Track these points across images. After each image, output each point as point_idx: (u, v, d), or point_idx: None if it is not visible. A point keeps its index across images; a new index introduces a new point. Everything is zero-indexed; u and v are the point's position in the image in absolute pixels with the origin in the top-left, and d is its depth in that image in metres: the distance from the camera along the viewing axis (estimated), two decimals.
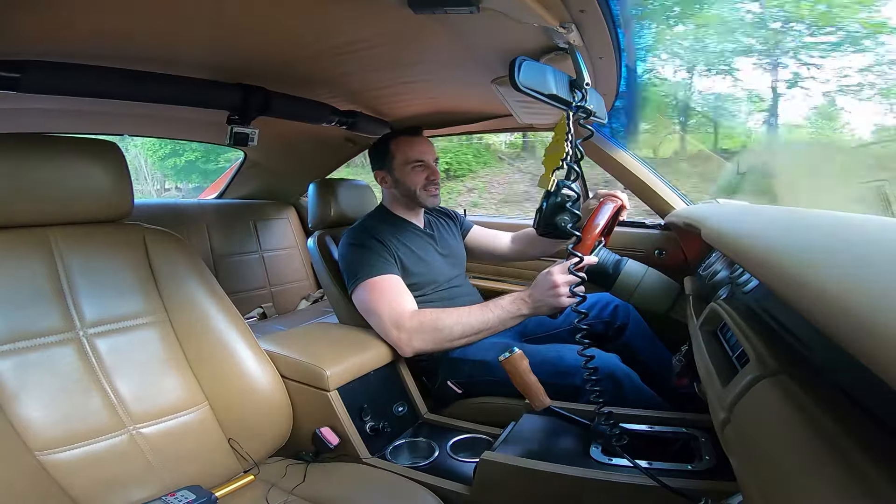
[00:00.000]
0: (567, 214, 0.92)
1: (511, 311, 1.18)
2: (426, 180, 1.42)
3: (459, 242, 1.61)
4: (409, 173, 1.42)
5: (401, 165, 1.42)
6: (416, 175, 1.42)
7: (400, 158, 1.43)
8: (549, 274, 1.14)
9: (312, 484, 0.92)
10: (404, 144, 1.44)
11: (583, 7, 0.76)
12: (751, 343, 0.49)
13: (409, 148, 1.43)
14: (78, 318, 0.90)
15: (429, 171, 1.43)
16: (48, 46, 0.94)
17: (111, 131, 1.80)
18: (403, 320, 1.21)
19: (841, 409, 0.34)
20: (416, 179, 1.42)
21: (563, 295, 1.11)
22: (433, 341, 1.20)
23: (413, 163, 1.41)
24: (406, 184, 1.42)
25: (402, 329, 1.21)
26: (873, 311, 0.25)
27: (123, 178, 0.97)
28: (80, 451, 0.83)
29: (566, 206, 0.92)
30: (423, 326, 1.20)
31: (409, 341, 1.20)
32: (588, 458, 0.87)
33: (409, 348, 1.21)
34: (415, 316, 1.22)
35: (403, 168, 1.42)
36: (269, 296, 2.32)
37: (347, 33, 0.97)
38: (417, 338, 1.20)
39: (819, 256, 0.35)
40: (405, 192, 1.44)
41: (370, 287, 1.27)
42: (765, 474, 0.37)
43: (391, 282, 1.28)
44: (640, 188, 1.64)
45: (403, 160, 1.42)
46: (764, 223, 0.57)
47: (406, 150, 1.43)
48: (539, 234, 0.99)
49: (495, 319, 1.19)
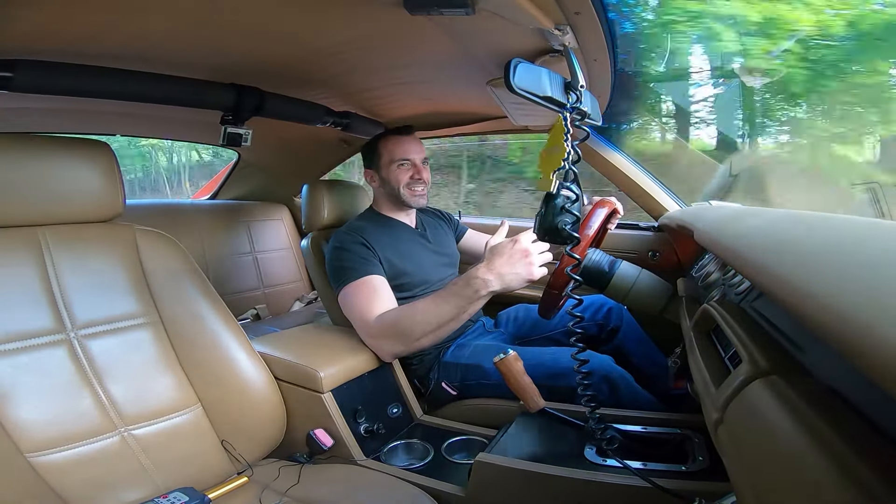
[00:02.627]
0: (568, 217, 0.91)
1: (468, 296, 1.08)
2: (410, 179, 1.42)
3: (453, 243, 1.61)
4: (393, 172, 1.42)
5: (386, 164, 1.43)
6: (401, 174, 1.42)
7: (386, 157, 1.43)
8: (514, 242, 1.05)
9: (306, 485, 0.92)
10: (391, 143, 1.44)
11: (578, 9, 0.77)
12: (743, 344, 0.50)
13: (395, 146, 1.43)
14: (69, 320, 0.89)
15: (414, 171, 1.42)
16: (40, 45, 0.93)
17: (103, 131, 1.79)
18: (370, 327, 1.19)
19: (832, 409, 0.34)
20: (400, 178, 1.41)
21: (536, 264, 1.04)
22: (402, 344, 1.17)
23: (398, 161, 1.41)
24: (390, 182, 1.42)
25: (371, 336, 1.19)
26: (864, 313, 0.25)
27: (115, 178, 0.96)
28: (71, 453, 0.82)
29: (567, 207, 0.91)
30: (385, 331, 1.17)
31: (380, 347, 1.19)
32: (583, 459, 0.88)
33: (386, 353, 1.19)
34: (378, 320, 1.18)
35: (389, 167, 1.42)
36: (262, 297, 2.30)
37: (342, 34, 0.97)
38: (387, 343, 1.18)
39: (810, 259, 0.36)
40: (390, 190, 1.44)
41: (347, 293, 1.25)
42: (757, 474, 0.37)
43: (367, 285, 1.25)
44: (633, 190, 1.65)
45: (389, 159, 1.42)
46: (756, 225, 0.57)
47: (392, 148, 1.43)
48: (539, 238, 0.97)
49: (452, 310, 1.10)
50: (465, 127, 1.82)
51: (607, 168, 1.63)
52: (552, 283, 1.41)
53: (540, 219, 0.95)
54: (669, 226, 1.37)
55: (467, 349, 1.30)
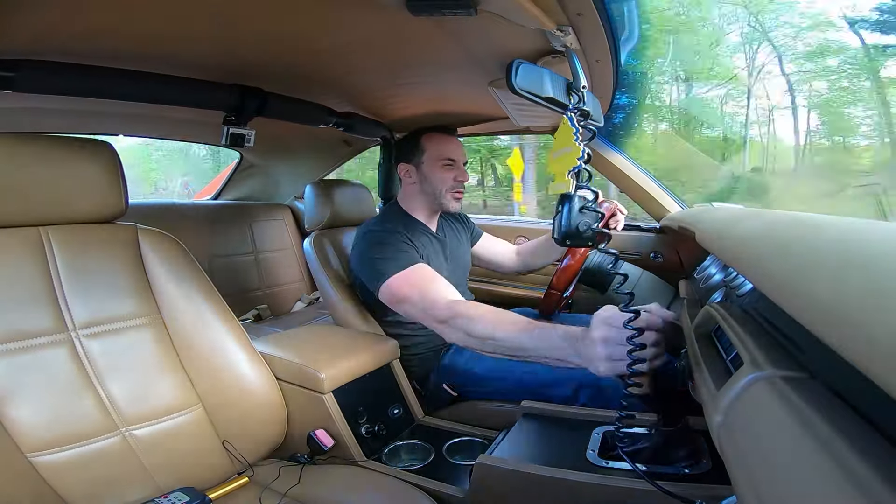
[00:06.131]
0: (588, 217, 0.86)
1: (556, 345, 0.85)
2: (454, 181, 1.37)
3: (467, 250, 1.57)
4: (438, 170, 1.36)
5: (431, 161, 1.36)
6: (445, 173, 1.37)
7: (432, 153, 1.37)
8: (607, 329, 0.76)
9: (307, 486, 0.92)
10: (438, 140, 1.38)
11: (580, 10, 0.77)
12: (745, 345, 0.50)
13: (442, 144, 1.38)
14: (70, 319, 0.89)
15: (457, 172, 1.38)
16: (43, 45, 0.93)
17: (106, 131, 1.79)
18: (439, 310, 1.06)
19: (835, 411, 0.34)
20: (445, 178, 1.36)
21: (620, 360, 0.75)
22: (463, 342, 1.03)
23: (445, 160, 1.36)
24: (433, 181, 1.37)
25: (439, 320, 1.06)
26: (866, 315, 0.25)
27: (117, 178, 0.96)
28: (71, 453, 0.82)
29: (586, 207, 0.86)
30: (457, 320, 1.03)
31: (443, 332, 1.06)
32: (584, 461, 0.87)
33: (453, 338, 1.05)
34: (451, 305, 1.06)
35: (434, 164, 1.36)
36: (264, 297, 2.31)
37: (345, 35, 0.97)
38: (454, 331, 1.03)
39: (812, 260, 0.36)
40: (430, 190, 1.38)
41: (400, 279, 1.16)
42: (759, 477, 0.37)
43: (423, 271, 1.18)
44: (635, 192, 1.65)
45: (436, 155, 1.36)
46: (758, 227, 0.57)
47: (440, 146, 1.37)
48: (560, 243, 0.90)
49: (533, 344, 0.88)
50: (466, 128, 1.82)
51: (609, 170, 1.64)
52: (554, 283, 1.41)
53: (559, 222, 0.89)
54: (671, 227, 1.37)
55: (466, 353, 1.30)
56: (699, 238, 0.82)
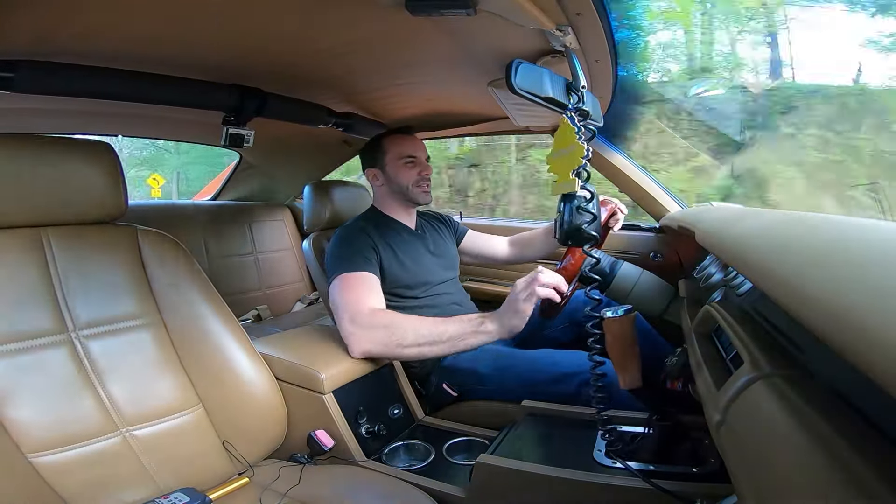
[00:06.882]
0: (586, 216, 0.88)
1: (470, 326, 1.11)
2: (418, 176, 1.43)
3: (452, 246, 1.60)
4: (401, 168, 1.42)
5: (393, 161, 1.43)
6: (408, 170, 1.42)
7: (392, 154, 1.43)
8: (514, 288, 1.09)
9: (307, 486, 0.92)
10: (396, 140, 1.45)
11: (579, 10, 0.77)
12: (745, 345, 0.50)
13: (401, 143, 1.44)
14: (71, 320, 0.89)
15: (420, 167, 1.44)
16: (42, 46, 0.93)
17: (105, 131, 1.79)
18: (361, 316, 1.16)
19: (835, 410, 0.34)
20: (409, 175, 1.42)
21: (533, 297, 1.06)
22: (382, 342, 1.13)
23: (405, 158, 1.42)
24: (398, 180, 1.43)
25: (356, 324, 1.15)
26: (864, 313, 0.25)
27: (117, 179, 0.96)
28: (72, 454, 0.82)
29: (583, 207, 0.87)
30: (375, 324, 1.14)
31: (359, 340, 1.14)
32: (585, 461, 0.88)
33: (358, 347, 1.14)
34: (371, 312, 1.17)
35: (396, 163, 1.43)
36: (263, 298, 2.30)
37: (344, 35, 0.97)
38: (367, 336, 1.14)
39: (811, 259, 0.36)
40: (397, 188, 1.44)
41: (345, 280, 1.23)
42: (759, 476, 0.37)
43: (367, 280, 1.24)
44: (635, 191, 1.65)
45: (396, 155, 1.43)
46: (758, 226, 0.57)
47: (398, 145, 1.44)
48: (562, 242, 0.92)
49: (451, 331, 1.11)
50: (466, 128, 1.82)
51: (608, 169, 1.63)
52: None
53: (561, 221, 0.89)
54: (671, 227, 1.37)
55: (465, 353, 1.30)
56: (699, 237, 0.82)
